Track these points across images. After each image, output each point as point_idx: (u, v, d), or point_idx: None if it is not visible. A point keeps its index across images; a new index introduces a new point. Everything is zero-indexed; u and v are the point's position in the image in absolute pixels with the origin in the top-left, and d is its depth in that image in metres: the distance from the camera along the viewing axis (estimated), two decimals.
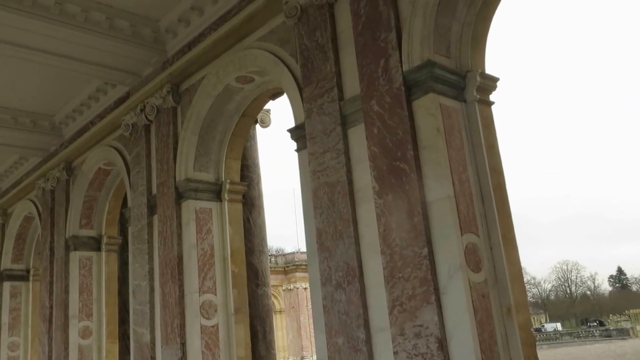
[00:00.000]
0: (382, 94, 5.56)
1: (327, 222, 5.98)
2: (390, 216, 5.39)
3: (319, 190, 6.10)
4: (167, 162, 8.45)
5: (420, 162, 5.27)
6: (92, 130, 10.56)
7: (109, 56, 8.63)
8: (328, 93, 6.10)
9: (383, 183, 5.47)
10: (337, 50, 6.15)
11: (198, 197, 8.19)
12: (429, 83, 5.26)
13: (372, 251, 5.60)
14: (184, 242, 8.11)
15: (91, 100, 10.53)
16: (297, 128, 6.55)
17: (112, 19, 8.08)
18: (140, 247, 8.84)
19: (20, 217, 13.69)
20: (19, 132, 11.32)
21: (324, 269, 5.96)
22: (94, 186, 11.10)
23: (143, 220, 8.84)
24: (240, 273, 8.19)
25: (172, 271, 8.09)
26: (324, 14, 6.28)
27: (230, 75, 7.73)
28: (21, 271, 14.12)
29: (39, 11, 7.59)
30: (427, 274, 5.06)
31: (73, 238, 11.04)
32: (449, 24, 5.52)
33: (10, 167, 13.79)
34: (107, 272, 11.11)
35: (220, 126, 8.34)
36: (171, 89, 8.54)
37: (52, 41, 8.12)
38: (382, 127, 5.54)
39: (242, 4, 7.37)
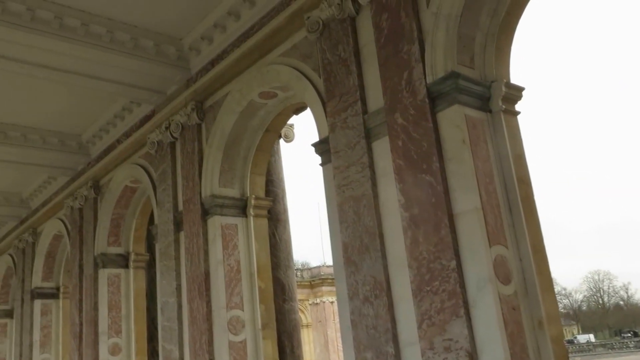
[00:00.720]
0: (406, 106, 5.54)
1: (353, 236, 5.95)
2: (416, 229, 5.34)
3: (345, 204, 6.08)
4: (193, 178, 8.52)
5: (446, 174, 5.23)
6: (119, 149, 10.71)
7: (134, 75, 8.77)
8: (352, 107, 6.10)
9: (409, 196, 5.43)
10: (359, 64, 6.16)
11: (224, 213, 8.23)
12: (453, 94, 5.22)
13: (399, 264, 5.55)
14: (211, 258, 8.14)
15: (117, 119, 10.69)
16: (321, 142, 6.55)
17: (136, 38, 8.21)
18: (167, 263, 8.90)
19: (50, 236, 13.90)
20: (47, 151, 11.52)
21: (351, 283, 5.92)
22: (121, 204, 11.23)
23: (170, 237, 8.90)
24: (267, 288, 8.19)
25: (199, 287, 8.12)
26: (346, 28, 6.29)
27: (253, 91, 7.79)
28: (51, 289, 14.31)
29: (66, 33, 7.76)
30: (455, 287, 4.99)
31: (101, 255, 11.17)
32: (473, 35, 5.49)
33: (40, 187, 14.05)
34: (135, 289, 11.20)
35: (245, 142, 8.39)
36: (195, 106, 8.63)
37: (79, 62, 8.29)
38: (406, 140, 5.51)
39: (264, 20, 7.43)
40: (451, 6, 5.39)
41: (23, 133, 11.05)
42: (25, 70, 8.27)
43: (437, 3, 5.47)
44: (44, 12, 7.49)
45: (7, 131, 10.90)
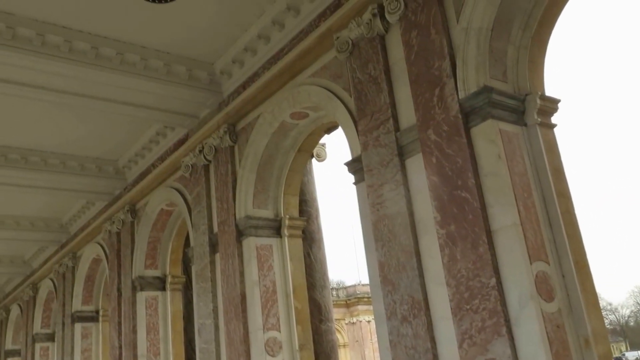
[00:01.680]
0: (438, 122, 5.49)
1: (389, 255, 5.89)
2: (454, 246, 5.25)
3: (379, 222, 6.03)
4: (227, 200, 8.58)
5: (482, 190, 5.14)
6: (154, 173, 10.88)
7: (167, 100, 8.93)
8: (383, 125, 6.08)
9: (445, 213, 5.36)
10: (390, 82, 6.14)
11: (258, 234, 8.26)
12: (486, 109, 5.16)
13: (437, 283, 5.46)
14: (247, 279, 8.15)
15: (152, 144, 10.89)
16: (354, 161, 6.54)
17: (169, 64, 8.38)
18: (203, 285, 8.95)
19: (89, 260, 14.15)
20: (85, 177, 11.78)
21: (389, 302, 5.85)
22: (157, 227, 11.38)
23: (205, 258, 8.96)
24: (304, 309, 8.15)
25: (235, 309, 8.13)
26: (375, 46, 6.30)
27: (285, 112, 7.84)
28: (91, 312, 14.54)
29: (102, 62, 7.97)
30: (496, 305, 4.88)
31: (139, 278, 11.30)
32: (504, 48, 5.43)
33: (78, 212, 14.36)
34: (172, 312, 11.29)
35: (277, 162, 8.43)
36: (228, 128, 8.73)
37: (115, 89, 8.48)
38: (440, 156, 5.45)
39: (294, 42, 7.50)
40: (481, 21, 5.35)
41: (62, 160, 11.35)
42: (63, 99, 8.50)
43: (467, 18, 5.44)
44: (80, 43, 7.72)
45: (47, 159, 11.20)
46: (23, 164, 11.07)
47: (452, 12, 5.63)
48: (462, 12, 5.51)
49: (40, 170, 11.26)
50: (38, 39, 7.44)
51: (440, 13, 5.65)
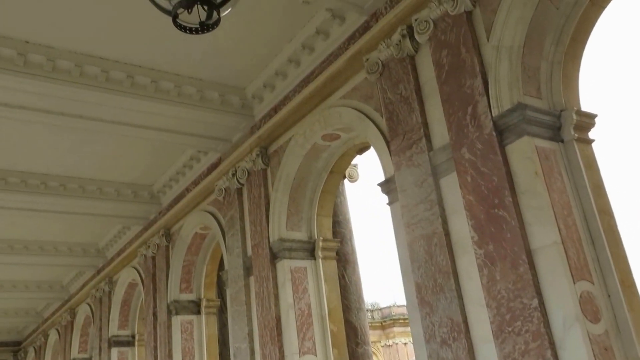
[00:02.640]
0: (472, 140, 5.44)
1: (426, 276, 5.80)
2: (493, 266, 5.15)
3: (415, 243, 5.96)
4: (260, 223, 8.61)
5: (520, 208, 5.05)
6: (188, 197, 11.00)
7: (200, 125, 9.06)
8: (416, 144, 6.04)
9: (482, 232, 5.27)
10: (422, 101, 6.12)
11: (292, 256, 8.24)
12: (521, 126, 5.09)
13: (477, 304, 5.35)
14: (281, 302, 8.13)
15: (186, 168, 11.03)
16: (387, 181, 6.50)
17: (202, 91, 8.51)
18: (238, 309, 8.95)
19: (125, 284, 14.31)
20: (121, 203, 11.96)
21: (427, 325, 5.75)
22: (192, 250, 11.46)
23: (240, 282, 8.97)
24: (339, 332, 8.07)
25: (271, 332, 8.10)
26: (405, 66, 6.30)
27: (316, 134, 7.87)
28: (127, 337, 14.65)
29: (138, 90, 8.13)
30: (539, 327, 4.75)
31: (174, 302, 11.36)
32: (537, 65, 5.37)
33: (115, 237, 14.56)
34: (207, 335, 11.29)
35: (310, 184, 8.45)
36: (260, 151, 8.79)
37: (149, 116, 8.64)
38: (475, 175, 5.38)
39: (324, 65, 7.55)
40: (512, 38, 5.30)
41: (99, 186, 11.56)
42: (100, 127, 8.69)
43: (497, 36, 5.40)
44: (117, 73, 7.90)
45: (85, 185, 11.43)
46: (61, 191, 11.32)
47: (482, 31, 5.61)
48: (492, 30, 5.48)
49: (78, 197, 11.48)
50: (76, 70, 7.65)
51: (470, 32, 5.63)
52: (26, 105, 7.92)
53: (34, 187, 11.00)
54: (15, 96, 7.71)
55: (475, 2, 5.69)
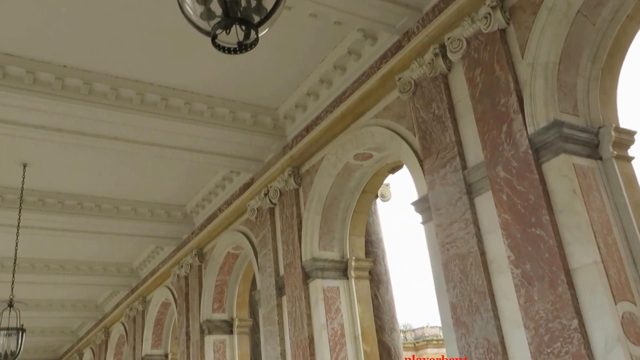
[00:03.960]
0: (507, 159, 5.39)
1: (461, 296, 5.73)
2: (530, 286, 5.06)
3: (450, 262, 5.90)
4: (293, 242, 8.63)
5: (558, 227, 4.96)
6: (220, 217, 11.09)
7: (233, 146, 9.17)
8: (450, 163, 6.01)
9: (519, 252, 5.19)
10: (455, 120, 6.10)
11: (325, 275, 8.22)
12: (558, 144, 5.02)
13: (514, 325, 5.25)
14: (314, 322, 8.10)
15: (218, 189, 11.15)
16: (420, 200, 6.47)
17: (234, 112, 8.63)
18: (271, 328, 8.95)
19: (158, 304, 14.43)
20: (155, 223, 12.13)
21: (463, 346, 5.66)
22: (224, 270, 11.53)
23: (272, 301, 8.98)
24: (373, 352, 7.98)
25: (303, 352, 8.06)
26: (438, 85, 6.30)
27: (348, 153, 7.89)
28: (160, 356, 14.72)
29: (171, 112, 8.29)
30: (580, 349, 4.63)
31: (207, 322, 11.42)
32: (574, 81, 5.31)
33: (148, 257, 14.75)
34: (240, 355, 11.30)
35: (342, 204, 8.45)
36: (292, 171, 8.84)
37: (183, 137, 8.78)
38: (511, 193, 5.32)
39: (356, 85, 7.60)
40: (548, 55, 5.26)
41: (133, 207, 11.76)
42: (134, 149, 8.86)
43: (532, 53, 5.37)
44: (151, 95, 8.07)
45: (119, 206, 11.64)
46: (97, 211, 11.54)
47: (516, 48, 5.58)
48: (527, 48, 5.44)
49: (113, 217, 11.69)
50: (112, 93, 7.85)
51: (504, 49, 5.60)
52: (63, 127, 8.13)
53: (70, 208, 11.25)
54: (52, 119, 7.92)
55: (509, 20, 5.67)
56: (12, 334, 9.73)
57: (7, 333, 9.71)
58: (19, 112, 7.69)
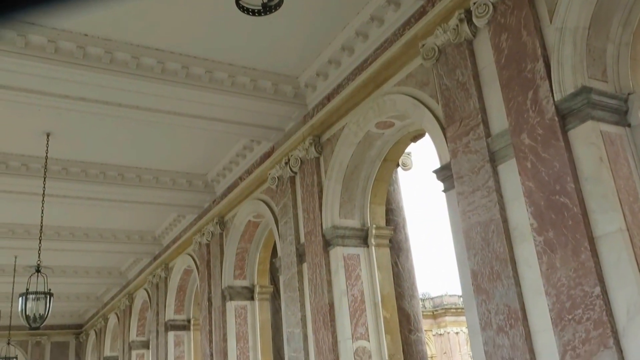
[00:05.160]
0: (533, 126, 5.33)
1: (483, 263, 5.75)
2: (553, 254, 5.06)
3: (471, 230, 5.90)
4: (313, 211, 8.68)
5: (583, 195, 4.93)
6: (241, 186, 11.19)
7: (254, 115, 9.18)
8: (473, 130, 5.97)
9: (542, 219, 5.18)
10: (480, 87, 6.03)
11: (345, 243, 8.29)
12: (586, 110, 4.95)
13: (535, 292, 5.27)
14: (334, 289, 8.20)
15: (239, 158, 11.21)
16: (443, 168, 6.45)
17: (255, 80, 8.61)
18: (291, 295, 9.08)
19: (181, 271, 14.71)
20: (177, 192, 12.27)
21: (483, 312, 5.70)
22: (245, 238, 11.67)
23: (293, 268, 9.09)
24: (392, 318, 8.08)
25: (324, 318, 8.19)
26: (463, 52, 6.21)
27: (370, 122, 7.86)
28: (183, 321, 15.08)
29: (192, 81, 8.29)
30: (601, 316, 4.65)
31: (228, 288, 11.62)
32: (603, 47, 5.20)
33: (170, 225, 14.97)
34: (260, 321, 11.51)
35: (363, 173, 8.45)
36: (313, 140, 8.85)
37: (204, 107, 8.80)
38: (535, 161, 5.28)
39: (378, 52, 7.52)
40: (577, 20, 5.15)
41: (155, 176, 11.88)
42: (155, 118, 8.90)
43: (561, 18, 5.25)
44: (172, 64, 8.07)
45: (142, 175, 11.77)
46: (119, 180, 11.68)
47: (544, 13, 5.46)
48: (555, 12, 5.33)
49: (135, 186, 11.83)
50: (133, 61, 7.86)
51: (531, 14, 5.49)
52: (85, 96, 8.18)
53: (93, 177, 11.40)
54: (74, 88, 7.96)
55: None
56: (40, 298, 9.96)
57: (35, 297, 9.94)
58: (42, 81, 7.74)
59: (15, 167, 10.67)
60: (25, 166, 10.69)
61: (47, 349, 26.04)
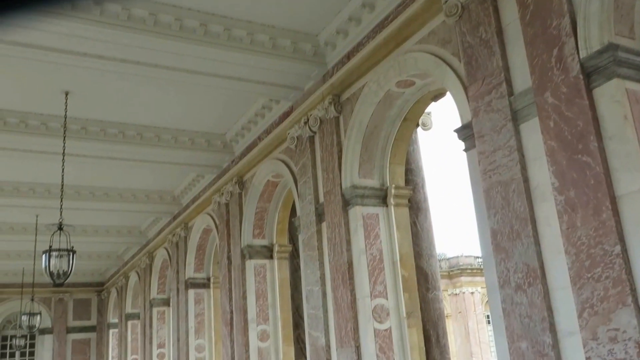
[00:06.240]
0: (557, 84, 5.26)
1: (502, 222, 5.77)
2: (573, 213, 5.06)
3: (492, 189, 5.90)
4: (333, 170, 8.71)
5: (606, 154, 4.89)
6: (260, 145, 11.22)
7: (272, 74, 9.13)
8: (496, 89, 5.90)
9: (563, 178, 5.16)
10: (503, 44, 5.93)
11: (364, 203, 8.34)
12: (611, 68, 4.86)
13: (555, 251, 5.30)
14: (353, 247, 8.29)
15: (258, 117, 11.21)
16: (464, 128, 6.41)
17: (274, 38, 8.53)
18: (310, 253, 9.20)
19: (200, 230, 14.91)
20: (195, 151, 12.34)
21: (502, 270, 5.75)
22: (264, 198, 11.77)
23: (312, 228, 9.19)
24: (410, 277, 8.18)
25: (342, 276, 8.31)
26: (486, 8, 6.09)
27: (390, 81, 7.79)
28: (203, 279, 15.38)
29: (211, 38, 8.23)
30: (620, 274, 4.67)
31: (247, 247, 11.79)
32: (631, 2, 5.07)
33: (189, 185, 15.12)
34: (279, 279, 11.71)
35: (383, 132, 8.43)
36: (333, 99, 8.81)
37: (222, 65, 8.75)
38: (558, 120, 5.23)
39: (399, 9, 7.40)
40: None
41: (174, 135, 11.94)
42: (174, 76, 8.90)
43: None
44: (190, 21, 8.00)
45: (160, 134, 11.83)
46: (139, 139, 11.75)
47: None
48: None
49: (154, 146, 11.90)
50: (151, 18, 7.80)
51: None
52: (103, 54, 8.15)
53: (112, 136, 11.48)
54: (92, 46, 7.91)
55: None
56: (63, 255, 10.15)
57: (58, 254, 10.14)
58: (60, 39, 7.71)
59: (35, 126, 10.77)
60: (44, 125, 10.79)
61: (69, 306, 26.81)
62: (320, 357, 8.74)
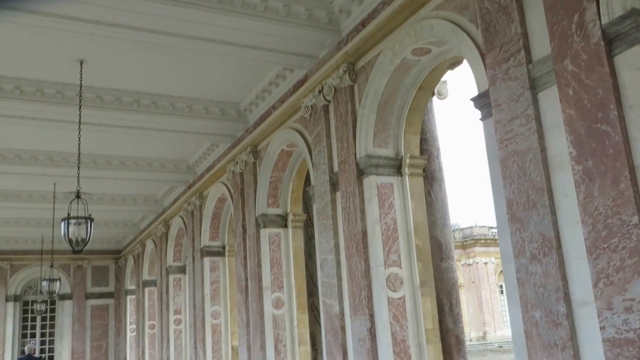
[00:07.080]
0: (577, 51, 5.14)
1: (518, 192, 5.72)
2: (591, 183, 5.00)
3: (508, 159, 5.84)
4: (347, 140, 8.67)
5: (625, 123, 4.80)
6: (274, 115, 11.18)
7: (286, 42, 9.04)
8: (514, 56, 5.79)
9: (582, 148, 5.09)
10: (522, 10, 5.79)
11: (379, 172, 8.31)
12: (634, 34, 4.74)
13: (571, 221, 5.25)
14: (367, 217, 8.30)
15: (272, 86, 11.14)
16: (480, 96, 6.32)
17: (289, 5, 8.41)
18: (325, 222, 9.23)
19: (215, 199, 15.01)
20: (210, 120, 12.34)
21: (517, 240, 5.73)
22: (279, 167, 11.78)
23: (326, 197, 9.20)
24: (424, 246, 8.19)
25: (357, 245, 8.34)
26: None
27: (406, 48, 7.67)
28: (218, 247, 15.55)
29: (224, 6, 8.14)
30: (637, 245, 4.63)
31: (262, 216, 11.86)
32: None
33: (204, 154, 15.16)
34: (294, 248, 11.79)
35: (398, 101, 8.34)
36: (347, 68, 8.71)
37: (236, 33, 8.68)
38: (578, 88, 5.13)
39: None
40: None
41: (188, 104, 11.92)
42: (187, 45, 8.85)
43: None
44: None
45: (175, 103, 11.82)
46: (153, 108, 11.76)
47: None
48: None
49: (169, 115, 11.91)
50: None
51: None
52: (117, 22, 8.09)
53: (127, 105, 11.49)
54: (106, 13, 7.86)
55: None
56: (81, 223, 10.27)
57: (76, 222, 10.26)
58: (73, 6, 7.67)
59: (50, 95, 10.81)
60: (60, 94, 10.83)
61: (88, 273, 27.34)
62: (334, 325, 8.84)
